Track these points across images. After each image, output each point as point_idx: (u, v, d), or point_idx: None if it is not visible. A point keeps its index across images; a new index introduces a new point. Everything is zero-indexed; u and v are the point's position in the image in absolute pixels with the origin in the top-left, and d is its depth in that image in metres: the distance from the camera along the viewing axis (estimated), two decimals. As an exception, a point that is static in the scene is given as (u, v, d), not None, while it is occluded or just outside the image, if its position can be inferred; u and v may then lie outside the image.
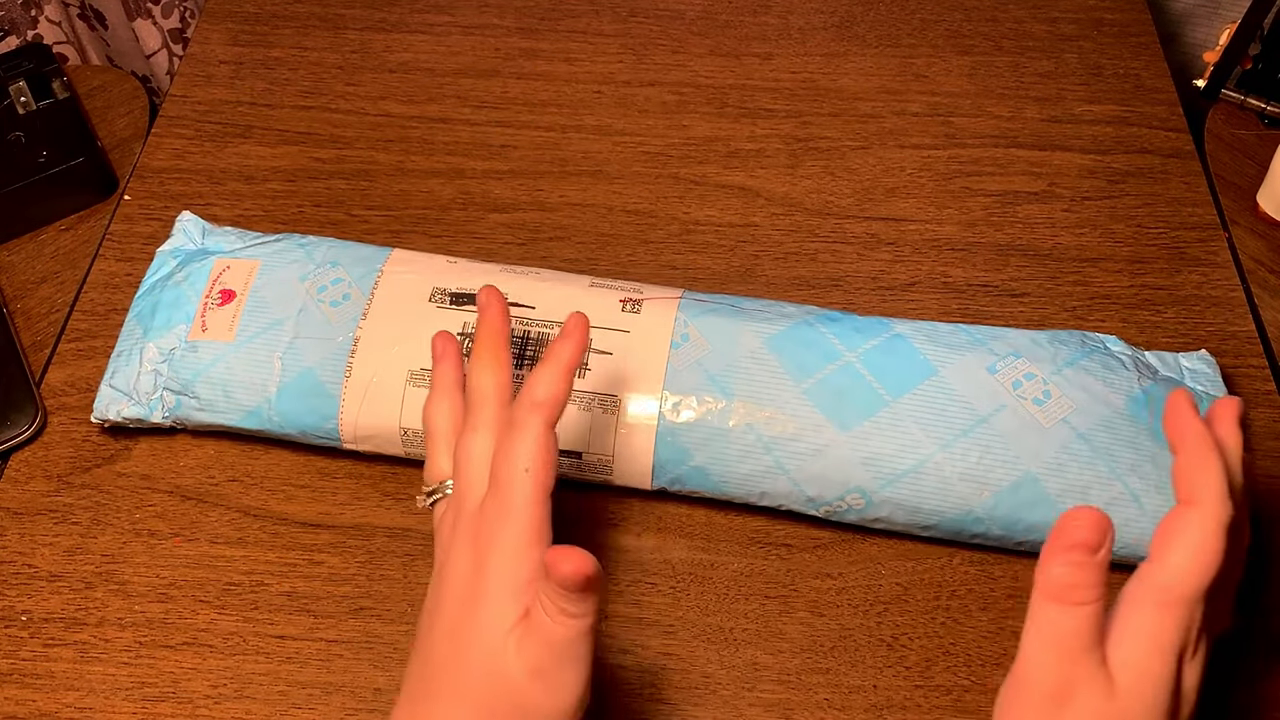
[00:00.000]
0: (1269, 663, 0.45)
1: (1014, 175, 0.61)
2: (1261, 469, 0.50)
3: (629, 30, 0.69)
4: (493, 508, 0.36)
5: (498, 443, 0.37)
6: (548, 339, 0.47)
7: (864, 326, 0.48)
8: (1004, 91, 0.65)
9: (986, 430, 0.45)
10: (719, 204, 0.60)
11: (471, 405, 0.39)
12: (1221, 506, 0.34)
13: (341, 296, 0.49)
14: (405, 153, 0.62)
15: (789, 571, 0.48)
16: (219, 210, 0.60)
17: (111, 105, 0.66)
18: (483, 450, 0.38)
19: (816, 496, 0.46)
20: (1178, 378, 0.48)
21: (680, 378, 0.46)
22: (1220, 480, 0.34)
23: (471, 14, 0.69)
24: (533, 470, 0.36)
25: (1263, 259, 0.58)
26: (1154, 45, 0.67)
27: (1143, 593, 0.34)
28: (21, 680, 0.45)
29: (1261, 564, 0.47)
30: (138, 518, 0.49)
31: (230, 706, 0.44)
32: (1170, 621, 0.33)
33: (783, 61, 0.67)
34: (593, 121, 0.64)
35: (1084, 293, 0.56)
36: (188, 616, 0.46)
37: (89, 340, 0.55)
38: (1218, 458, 0.35)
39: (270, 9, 0.70)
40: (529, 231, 0.59)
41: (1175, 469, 0.36)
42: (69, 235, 0.60)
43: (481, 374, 0.39)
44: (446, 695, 0.35)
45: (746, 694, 0.44)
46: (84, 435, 0.52)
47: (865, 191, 0.60)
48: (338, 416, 0.48)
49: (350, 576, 0.48)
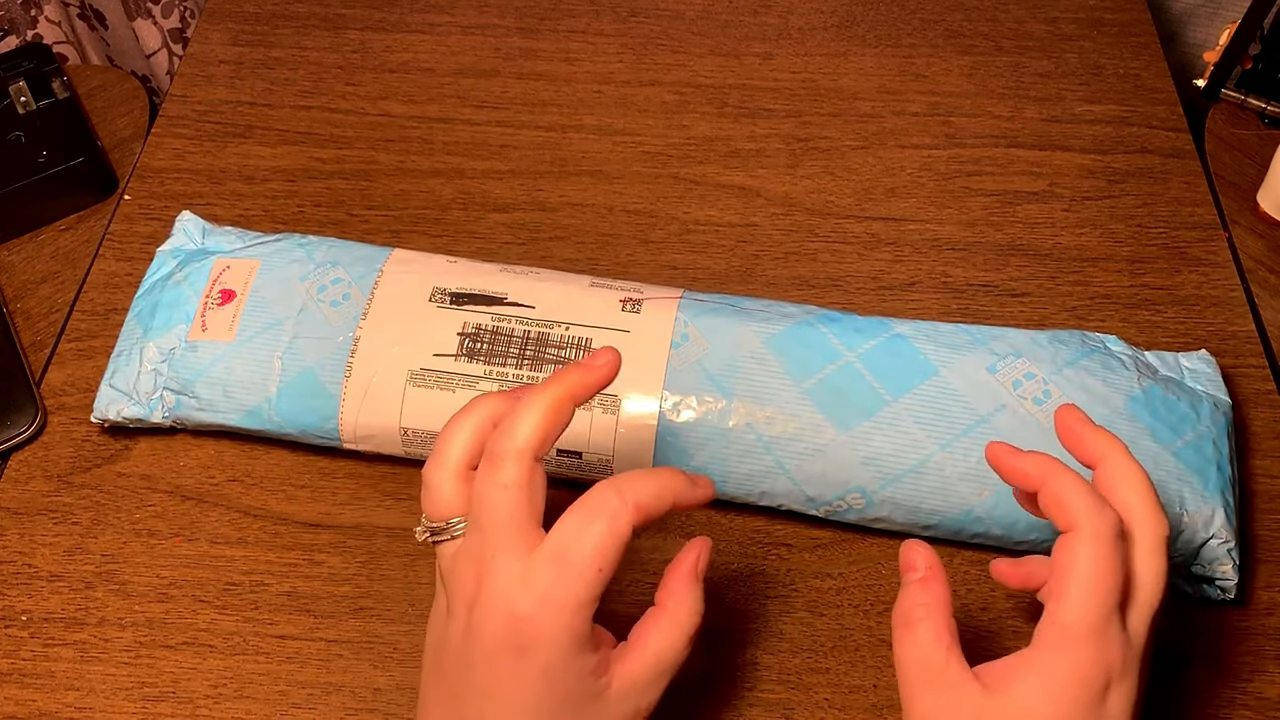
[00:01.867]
0: (1269, 662, 0.45)
1: (1014, 175, 0.61)
2: (1261, 469, 0.50)
3: (629, 30, 0.69)
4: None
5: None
6: (548, 339, 0.47)
7: (864, 326, 0.48)
8: (1004, 91, 0.65)
9: (987, 430, 0.45)
10: (719, 204, 0.60)
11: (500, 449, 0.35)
12: (1100, 519, 0.33)
13: (341, 296, 0.49)
14: (405, 153, 0.62)
15: (789, 571, 0.48)
16: (219, 210, 0.60)
17: (111, 105, 0.66)
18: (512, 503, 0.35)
19: (816, 496, 0.46)
20: (1178, 378, 0.48)
21: (680, 378, 0.46)
22: (1084, 494, 0.34)
23: (471, 14, 0.69)
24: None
25: (1263, 259, 0.58)
26: (1154, 45, 0.67)
27: (1043, 634, 0.34)
28: (21, 680, 0.45)
29: (1262, 564, 0.47)
30: (138, 518, 0.49)
31: (230, 706, 0.44)
32: (1068, 661, 0.33)
33: (783, 61, 0.67)
34: (592, 121, 0.64)
35: (1084, 293, 0.56)
36: (188, 616, 0.46)
37: (89, 340, 0.55)
38: (1068, 475, 0.35)
39: (270, 9, 0.70)
40: (529, 231, 0.59)
41: (1041, 503, 0.36)
42: (69, 235, 0.60)
43: (530, 422, 0.35)
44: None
45: (746, 694, 0.44)
46: (84, 435, 0.52)
47: (865, 191, 0.60)
48: (338, 416, 0.48)
49: (350, 576, 0.48)
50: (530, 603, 0.33)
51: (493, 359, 0.47)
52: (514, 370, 0.46)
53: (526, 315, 0.48)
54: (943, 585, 0.35)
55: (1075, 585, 0.33)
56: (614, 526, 0.34)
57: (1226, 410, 0.48)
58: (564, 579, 0.33)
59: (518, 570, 0.34)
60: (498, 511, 0.34)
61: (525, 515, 0.34)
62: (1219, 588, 0.45)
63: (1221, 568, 0.44)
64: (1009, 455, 0.37)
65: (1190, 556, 0.44)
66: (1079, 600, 0.33)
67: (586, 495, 0.35)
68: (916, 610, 0.35)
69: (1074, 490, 0.34)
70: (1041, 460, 0.36)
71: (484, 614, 0.34)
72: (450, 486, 0.37)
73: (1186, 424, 0.46)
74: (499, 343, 0.47)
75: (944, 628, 0.35)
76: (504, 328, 0.47)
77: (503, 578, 0.34)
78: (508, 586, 0.34)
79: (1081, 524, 0.34)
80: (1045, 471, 0.36)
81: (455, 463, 0.37)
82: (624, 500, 0.34)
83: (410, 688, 0.45)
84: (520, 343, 0.47)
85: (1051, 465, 0.36)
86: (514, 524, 0.34)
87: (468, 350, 0.47)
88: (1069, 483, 0.35)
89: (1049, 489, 0.35)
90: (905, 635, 0.35)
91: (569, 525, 0.34)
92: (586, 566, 0.33)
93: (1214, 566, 0.44)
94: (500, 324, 0.47)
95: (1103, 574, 0.33)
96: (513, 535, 0.34)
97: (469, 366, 0.47)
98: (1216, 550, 0.44)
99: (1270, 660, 0.45)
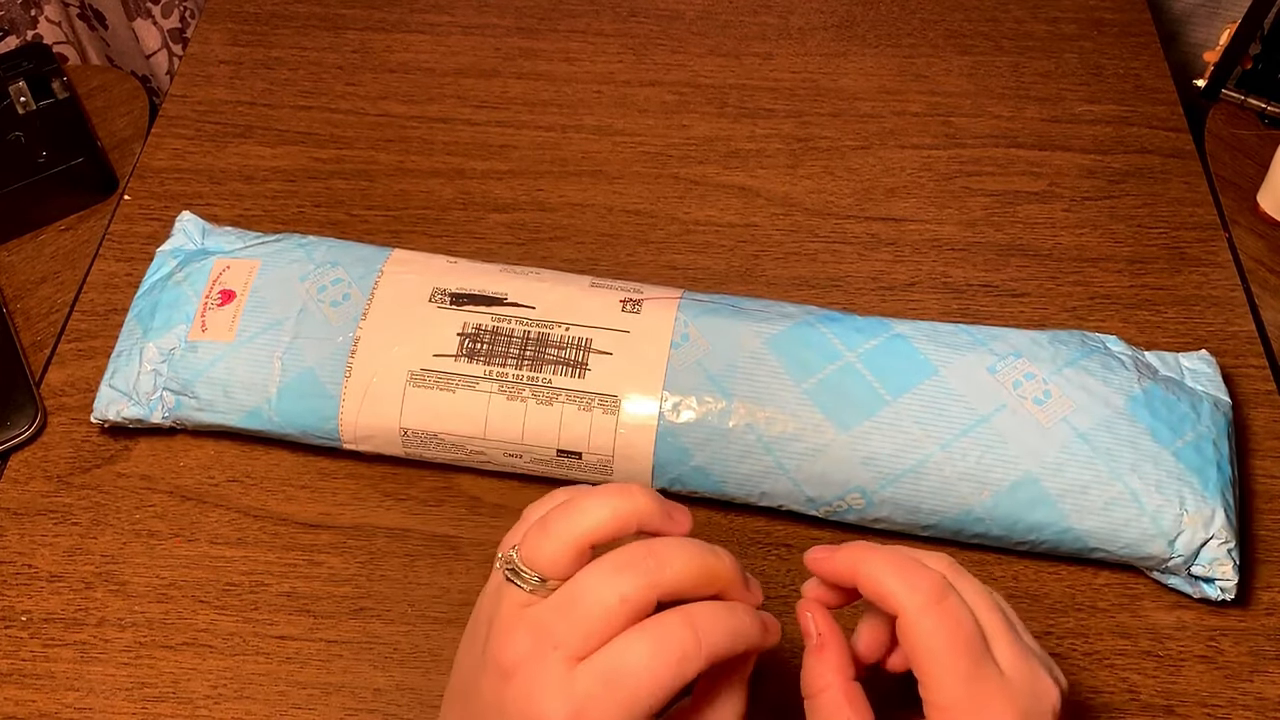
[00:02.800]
0: (1269, 662, 0.45)
1: (1014, 175, 0.61)
2: (1261, 469, 0.50)
3: (629, 30, 0.69)
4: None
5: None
6: (548, 339, 0.47)
7: (864, 326, 0.48)
8: (1004, 91, 0.65)
9: (986, 430, 0.45)
10: (719, 204, 0.60)
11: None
12: (918, 589, 0.33)
13: (341, 296, 0.49)
14: (405, 153, 0.62)
15: (789, 571, 0.48)
16: (219, 210, 0.60)
17: (111, 105, 0.66)
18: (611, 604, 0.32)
19: (817, 496, 0.46)
20: (1178, 378, 0.48)
21: (680, 378, 0.46)
22: (894, 570, 0.34)
23: (471, 14, 0.69)
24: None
25: (1263, 259, 0.58)
26: (1154, 45, 0.67)
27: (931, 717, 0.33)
28: (21, 680, 0.45)
29: (1262, 564, 0.48)
30: (138, 518, 0.49)
31: (230, 706, 0.44)
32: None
33: (783, 61, 0.67)
34: (593, 121, 0.64)
35: (1084, 293, 0.56)
36: (188, 617, 0.46)
37: (89, 340, 0.55)
38: (875, 557, 0.34)
39: (270, 9, 0.70)
40: (529, 231, 0.59)
41: (865, 597, 0.35)
42: (69, 235, 0.60)
43: (682, 566, 0.33)
44: None
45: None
46: (84, 435, 0.52)
47: (865, 191, 0.60)
48: (338, 417, 0.48)
49: (350, 576, 0.48)
50: (562, 713, 0.31)
51: (493, 359, 0.47)
52: (514, 370, 0.46)
53: (526, 315, 0.48)
54: (838, 650, 0.35)
55: (932, 665, 0.33)
56: (680, 670, 0.31)
57: (1226, 410, 0.48)
58: (607, 701, 0.31)
59: (563, 673, 0.32)
60: (593, 614, 0.32)
61: (610, 635, 0.32)
62: (1219, 588, 0.45)
63: (1221, 568, 0.44)
64: (824, 560, 0.36)
65: (1190, 556, 0.44)
66: (942, 677, 0.32)
67: (658, 620, 0.32)
68: (816, 681, 0.35)
69: (884, 570, 0.34)
70: (849, 552, 0.35)
71: (515, 696, 0.32)
72: (570, 550, 0.33)
73: (1186, 424, 0.46)
74: (499, 343, 0.47)
75: (843, 696, 0.34)
76: (504, 328, 0.47)
77: (550, 673, 0.32)
78: (548, 684, 0.32)
79: (905, 603, 0.33)
80: (854, 562, 0.34)
81: (586, 532, 0.33)
82: (699, 645, 0.32)
83: (410, 688, 0.45)
84: (520, 343, 0.47)
85: (858, 554, 0.34)
86: (595, 636, 0.32)
87: (468, 350, 0.47)
88: (878, 565, 0.34)
89: (862, 580, 0.34)
90: (809, 706, 0.35)
91: (631, 647, 0.32)
92: (636, 699, 0.31)
93: (1214, 567, 0.44)
94: (500, 324, 0.47)
95: (949, 640, 0.32)
96: (583, 643, 0.32)
97: (469, 367, 0.47)
98: (1216, 550, 0.44)
99: (1270, 660, 0.45)
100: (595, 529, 0.33)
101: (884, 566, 0.34)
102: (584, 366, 0.46)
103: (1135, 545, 0.44)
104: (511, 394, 0.46)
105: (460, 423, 0.47)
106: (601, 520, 0.33)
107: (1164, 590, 0.47)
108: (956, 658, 0.32)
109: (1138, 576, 0.47)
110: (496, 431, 0.46)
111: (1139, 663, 0.45)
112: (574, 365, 0.46)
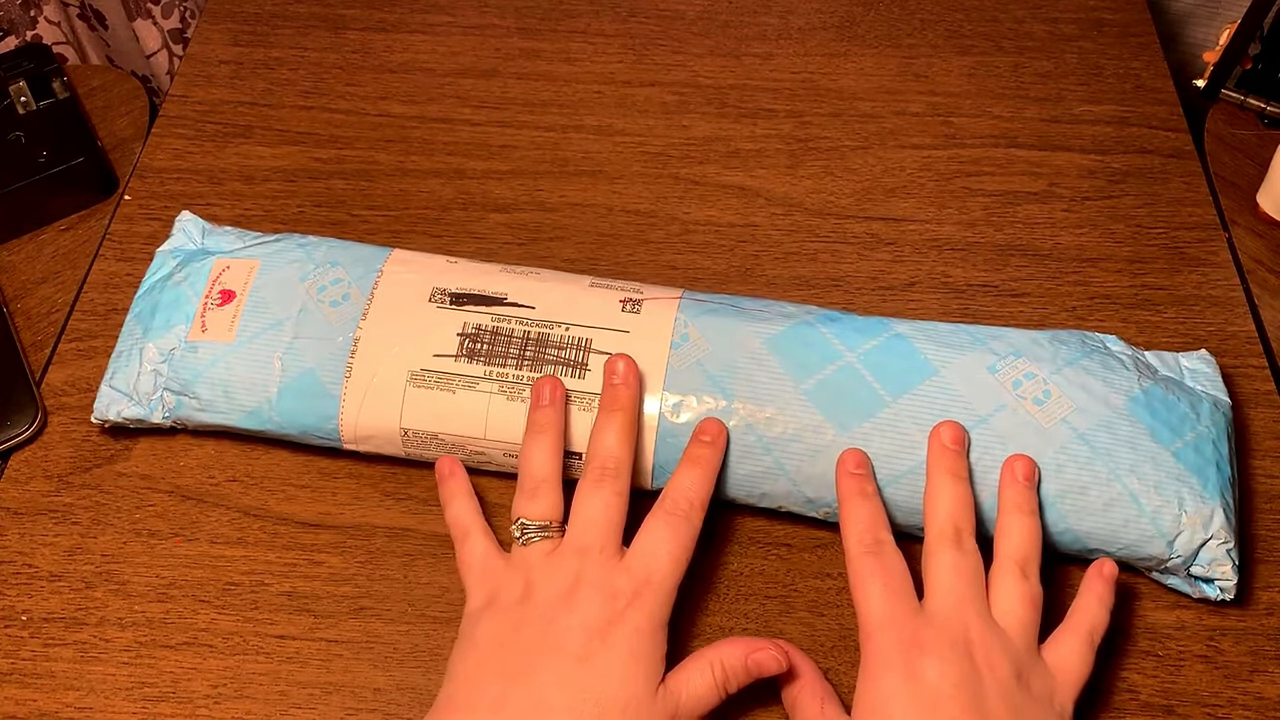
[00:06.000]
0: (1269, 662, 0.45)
1: (1014, 175, 0.61)
2: (1261, 469, 0.50)
3: (629, 30, 0.69)
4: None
5: (652, 525, 0.43)
6: (548, 339, 0.47)
7: (864, 326, 0.48)
8: (1004, 91, 0.65)
9: (986, 430, 0.45)
10: (719, 204, 0.60)
11: (597, 465, 0.44)
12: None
13: (341, 296, 0.49)
14: (405, 153, 0.62)
15: (789, 571, 0.48)
16: (219, 210, 0.60)
17: (111, 105, 0.66)
18: (602, 508, 0.43)
19: (816, 497, 0.46)
20: (1177, 378, 0.48)
21: (680, 378, 0.46)
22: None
23: (471, 14, 0.69)
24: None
25: (1263, 259, 0.58)
26: (1154, 45, 0.67)
27: None
28: (21, 680, 0.45)
29: (1262, 564, 0.48)
30: (138, 518, 0.49)
31: (230, 706, 0.44)
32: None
33: (783, 61, 0.67)
34: (593, 121, 0.64)
35: (1084, 293, 0.56)
36: (188, 616, 0.46)
37: (89, 340, 0.55)
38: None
39: (270, 9, 0.70)
40: (529, 231, 0.59)
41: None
42: (69, 235, 0.60)
43: (612, 439, 0.45)
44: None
45: (746, 694, 0.44)
46: (84, 435, 0.52)
47: (865, 191, 0.60)
48: (338, 417, 0.48)
49: (350, 576, 0.48)
50: (629, 588, 0.41)
51: (493, 359, 0.47)
52: (514, 370, 0.46)
53: (526, 315, 0.48)
54: (805, 668, 0.43)
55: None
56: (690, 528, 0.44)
57: (1226, 410, 0.48)
58: (650, 572, 0.42)
59: (616, 563, 0.43)
60: (600, 519, 0.43)
61: (619, 527, 0.44)
62: (1219, 588, 0.45)
63: (1221, 568, 0.44)
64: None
65: (1189, 557, 0.44)
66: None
67: (656, 512, 0.45)
68: (791, 691, 0.43)
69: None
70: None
71: (584, 598, 0.41)
72: (552, 500, 0.44)
73: (1186, 424, 0.46)
74: (499, 343, 0.47)
75: (818, 689, 0.42)
76: (504, 328, 0.47)
77: (604, 568, 0.42)
78: (609, 571, 0.42)
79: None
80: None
81: (553, 479, 0.45)
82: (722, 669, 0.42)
83: (410, 687, 0.45)
84: (520, 343, 0.47)
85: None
86: (612, 532, 0.43)
87: (468, 350, 0.47)
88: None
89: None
90: (791, 709, 0.43)
91: (653, 533, 0.44)
92: (666, 572, 0.43)
93: (1213, 567, 0.44)
94: (500, 324, 0.47)
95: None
96: (611, 539, 0.43)
97: (469, 367, 0.47)
98: (1215, 551, 0.44)
99: (1270, 660, 0.45)
100: (557, 463, 0.45)
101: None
102: (584, 366, 0.46)
103: (1134, 546, 0.44)
104: (512, 394, 0.46)
105: (460, 423, 0.47)
106: (553, 449, 0.45)
107: (1163, 590, 0.47)
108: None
109: (1137, 577, 0.47)
110: (496, 432, 0.47)
111: (1138, 662, 0.45)
112: (574, 365, 0.47)
